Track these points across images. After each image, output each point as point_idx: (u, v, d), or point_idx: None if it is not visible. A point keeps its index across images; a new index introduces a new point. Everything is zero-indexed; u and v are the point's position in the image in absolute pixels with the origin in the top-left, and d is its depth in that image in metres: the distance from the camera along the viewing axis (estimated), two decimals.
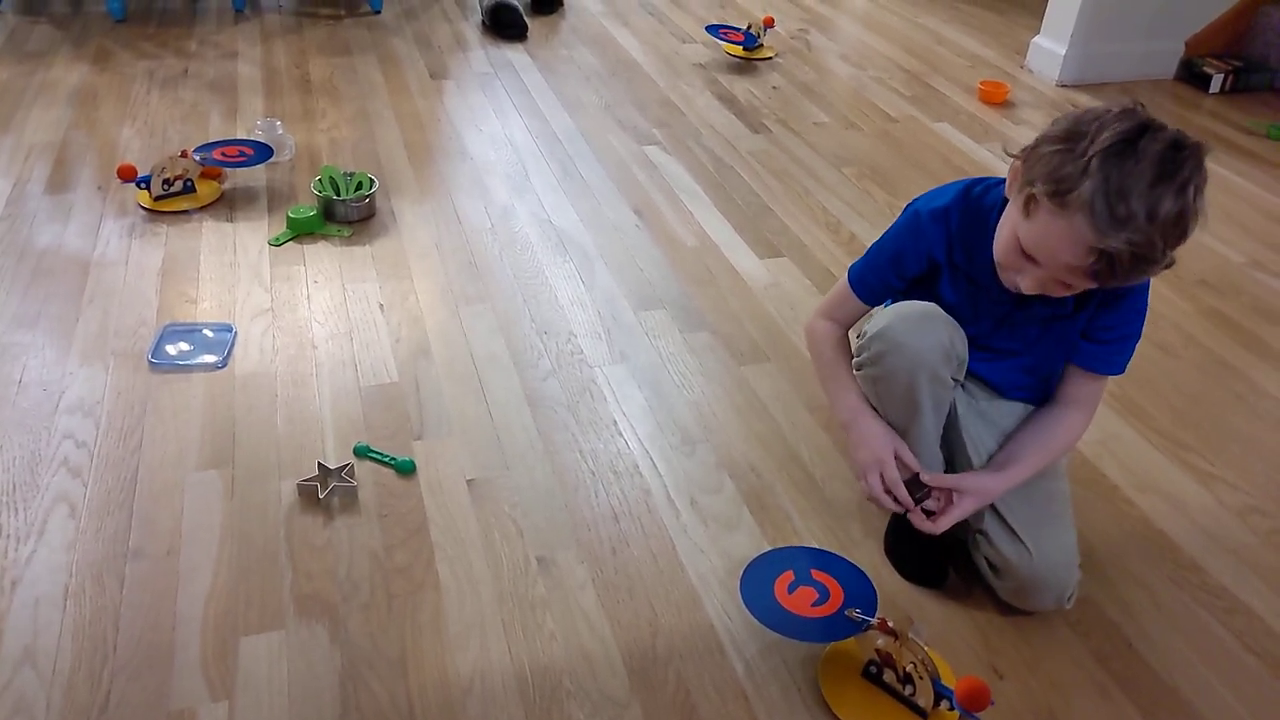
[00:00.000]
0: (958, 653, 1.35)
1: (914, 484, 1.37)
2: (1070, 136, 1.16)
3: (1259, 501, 1.65)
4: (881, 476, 1.37)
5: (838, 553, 1.45)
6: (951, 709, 1.20)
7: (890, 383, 1.34)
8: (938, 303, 1.37)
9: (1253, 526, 1.60)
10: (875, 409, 1.41)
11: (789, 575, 1.35)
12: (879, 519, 1.54)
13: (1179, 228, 1.13)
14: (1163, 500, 1.64)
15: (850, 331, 1.50)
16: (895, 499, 1.37)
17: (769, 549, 1.48)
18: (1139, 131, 1.13)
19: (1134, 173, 1.11)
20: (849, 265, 1.50)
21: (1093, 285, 1.21)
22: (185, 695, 1.25)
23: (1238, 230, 2.47)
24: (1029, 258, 1.22)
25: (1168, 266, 1.19)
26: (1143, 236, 1.11)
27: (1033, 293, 1.25)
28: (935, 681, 1.21)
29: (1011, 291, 1.33)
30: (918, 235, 1.39)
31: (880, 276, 1.45)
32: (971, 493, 1.36)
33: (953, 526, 1.38)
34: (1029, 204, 1.19)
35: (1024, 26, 3.77)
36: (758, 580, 1.34)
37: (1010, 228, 1.25)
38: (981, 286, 1.37)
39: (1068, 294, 1.26)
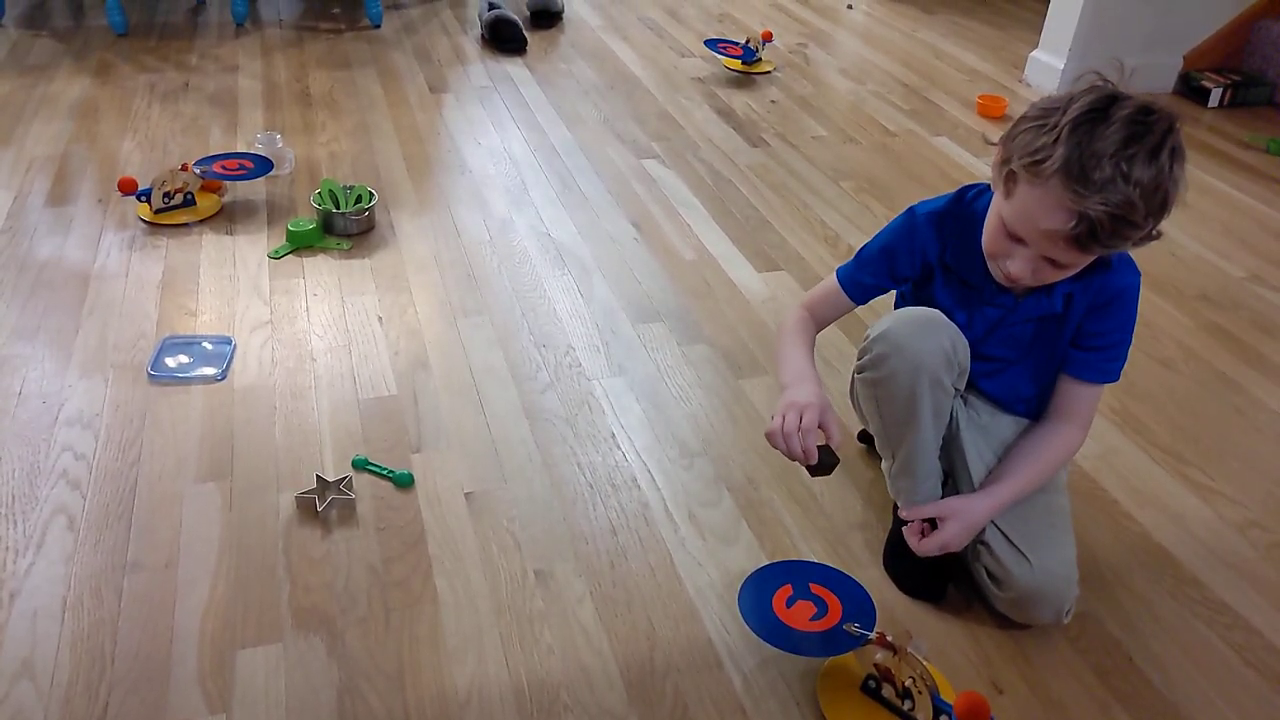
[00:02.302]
0: (957, 667, 1.35)
1: (827, 453, 1.29)
2: (1043, 114, 1.20)
3: (1259, 516, 1.65)
4: (800, 419, 1.27)
5: (836, 567, 1.45)
6: None
7: (891, 386, 1.34)
8: (931, 304, 1.39)
9: (1253, 541, 1.60)
10: (862, 412, 1.41)
11: (787, 589, 1.35)
12: (879, 533, 1.54)
13: (1158, 192, 1.15)
14: (1163, 515, 1.64)
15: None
16: (803, 450, 1.28)
17: (767, 563, 1.48)
18: (1108, 101, 1.17)
19: (1105, 135, 1.14)
20: (837, 267, 1.51)
21: (1080, 256, 1.23)
22: (183, 708, 1.24)
23: (1237, 245, 2.48)
24: (1014, 238, 1.25)
25: (1152, 238, 1.22)
26: (1120, 196, 1.13)
27: (1023, 278, 1.27)
28: (934, 696, 1.20)
29: (1004, 295, 1.35)
30: (912, 236, 1.41)
31: (872, 273, 1.46)
32: (953, 516, 1.36)
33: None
34: (1008, 182, 1.23)
35: (1022, 40, 3.78)
36: (756, 594, 1.34)
37: (995, 214, 1.28)
38: (974, 288, 1.38)
39: (1058, 276, 1.27)
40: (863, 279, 1.47)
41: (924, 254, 1.41)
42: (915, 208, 1.42)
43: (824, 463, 1.29)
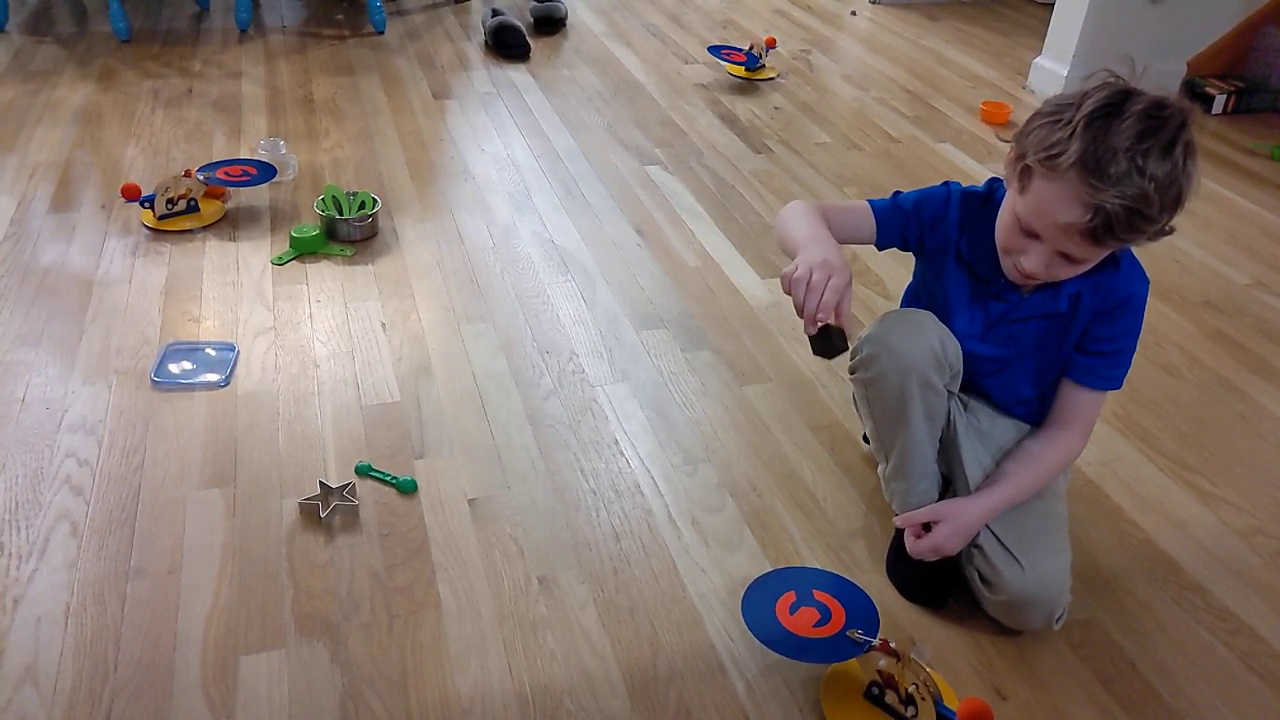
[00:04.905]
0: (960, 674, 1.35)
1: (839, 335, 1.22)
2: (1057, 110, 1.21)
3: (1262, 523, 1.64)
4: (827, 280, 1.19)
5: (840, 573, 1.45)
6: None
7: (881, 386, 1.35)
8: (938, 293, 1.40)
9: (1256, 548, 1.59)
10: (865, 415, 1.42)
11: (791, 595, 1.35)
12: (881, 539, 1.54)
13: (1172, 187, 1.17)
14: (1166, 521, 1.63)
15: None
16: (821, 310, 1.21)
17: (770, 569, 1.48)
18: (1122, 96, 1.18)
19: (1119, 130, 1.15)
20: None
21: (1094, 251, 1.24)
22: (186, 714, 1.24)
23: (1241, 252, 2.47)
24: (1029, 233, 1.26)
25: (1166, 233, 1.23)
26: (1136, 190, 1.14)
27: (1037, 273, 1.27)
28: (937, 703, 1.20)
29: (1011, 290, 1.36)
30: (945, 207, 1.42)
31: (902, 216, 1.43)
32: (946, 518, 1.37)
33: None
34: (1023, 177, 1.24)
35: (1026, 47, 3.79)
36: (759, 600, 1.34)
37: (1009, 209, 1.29)
38: (982, 280, 1.39)
39: (1071, 272, 1.28)
40: (893, 218, 1.43)
41: (946, 229, 1.41)
42: (951, 184, 1.44)
43: (834, 343, 1.23)
